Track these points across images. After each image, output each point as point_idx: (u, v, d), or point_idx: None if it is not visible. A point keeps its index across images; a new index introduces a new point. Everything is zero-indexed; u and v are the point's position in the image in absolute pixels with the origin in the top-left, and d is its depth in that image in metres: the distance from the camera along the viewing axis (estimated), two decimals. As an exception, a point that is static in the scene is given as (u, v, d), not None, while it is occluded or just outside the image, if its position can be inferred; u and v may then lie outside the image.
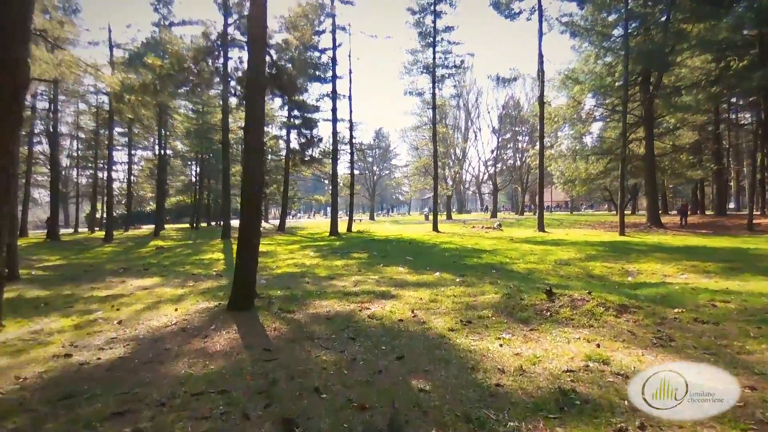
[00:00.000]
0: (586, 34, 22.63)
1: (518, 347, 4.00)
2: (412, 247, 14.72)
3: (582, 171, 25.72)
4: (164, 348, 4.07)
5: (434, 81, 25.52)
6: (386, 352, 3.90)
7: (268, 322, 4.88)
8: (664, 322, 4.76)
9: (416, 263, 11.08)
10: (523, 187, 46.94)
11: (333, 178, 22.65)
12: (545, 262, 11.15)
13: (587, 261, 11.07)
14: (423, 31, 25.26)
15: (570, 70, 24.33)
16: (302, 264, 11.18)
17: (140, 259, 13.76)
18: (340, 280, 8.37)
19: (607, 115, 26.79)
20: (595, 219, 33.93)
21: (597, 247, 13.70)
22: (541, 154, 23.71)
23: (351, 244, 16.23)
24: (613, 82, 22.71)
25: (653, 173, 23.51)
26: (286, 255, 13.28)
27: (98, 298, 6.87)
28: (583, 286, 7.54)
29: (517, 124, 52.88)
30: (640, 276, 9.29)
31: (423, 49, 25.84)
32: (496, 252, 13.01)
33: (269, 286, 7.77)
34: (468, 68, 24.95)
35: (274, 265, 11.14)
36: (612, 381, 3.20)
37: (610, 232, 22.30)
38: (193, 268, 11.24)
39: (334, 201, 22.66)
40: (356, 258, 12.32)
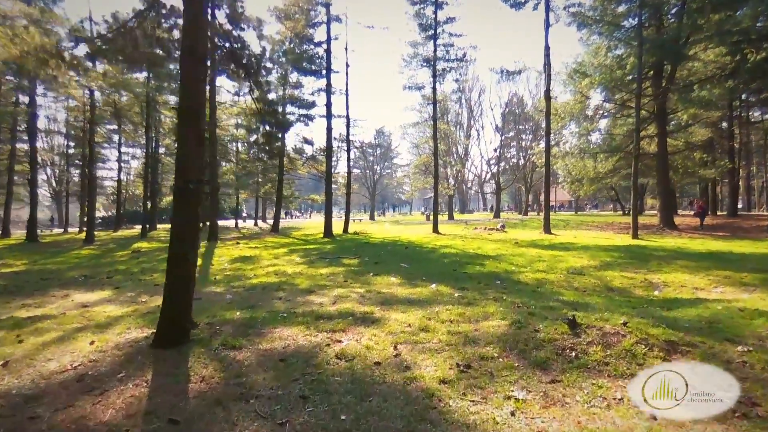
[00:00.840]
0: (596, 25, 21.31)
1: (537, 417, 2.78)
2: (408, 252, 13.50)
3: (590, 170, 24.42)
4: (30, 416, 2.86)
5: (435, 75, 24.26)
6: (346, 427, 2.69)
7: (198, 366, 3.67)
8: (730, 369, 3.53)
9: (411, 271, 9.86)
10: (527, 187, 45.63)
11: (327, 177, 21.45)
12: (556, 270, 9.92)
13: (603, 270, 9.82)
14: (423, 22, 24.00)
15: (578, 63, 23.05)
16: (283, 272, 9.97)
17: (110, 265, 12.59)
18: (319, 295, 7.17)
19: (616, 111, 25.45)
20: (602, 220, 32.61)
21: (611, 252, 12.45)
22: (547, 152, 22.44)
23: (343, 248, 15.02)
24: (624, 75, 21.41)
25: (666, 172, 22.20)
26: (268, 261, 12.08)
27: (15, 320, 5.67)
28: (605, 303, 6.32)
29: (520, 121, 51.60)
30: (668, 289, 8.04)
31: (424, 42, 24.61)
32: (501, 258, 11.78)
33: (232, 304, 6.57)
34: (470, 62, 23.70)
35: (251, 274, 9.94)
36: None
37: (621, 234, 21.02)
38: (161, 276, 10.04)
39: (328, 202, 21.46)
40: (345, 265, 11.11)
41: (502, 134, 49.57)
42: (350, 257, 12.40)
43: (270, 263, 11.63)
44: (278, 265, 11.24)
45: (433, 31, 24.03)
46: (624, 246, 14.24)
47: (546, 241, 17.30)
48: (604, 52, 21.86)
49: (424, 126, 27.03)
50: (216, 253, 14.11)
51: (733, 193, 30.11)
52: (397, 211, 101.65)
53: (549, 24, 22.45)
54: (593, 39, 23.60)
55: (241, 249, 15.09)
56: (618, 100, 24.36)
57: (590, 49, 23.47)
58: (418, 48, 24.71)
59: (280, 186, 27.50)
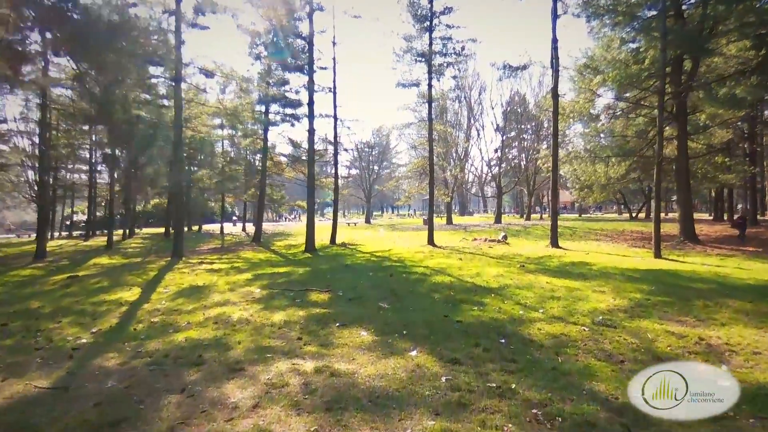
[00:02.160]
0: (609, 15, 19.06)
1: None
2: (395, 281, 11.28)
3: (601, 175, 22.23)
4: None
5: (431, 71, 22.04)
6: None
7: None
8: None
9: (390, 318, 7.67)
10: (529, 190, 43.38)
11: (309, 183, 19.24)
12: (575, 315, 7.73)
13: (637, 318, 7.60)
14: (417, 13, 21.77)
15: (588, 58, 20.80)
16: (226, 319, 7.78)
17: (23, 299, 10.34)
18: (245, 379, 4.98)
19: (629, 111, 23.20)
20: (610, 227, 30.39)
21: (638, 283, 10.23)
22: (554, 156, 20.24)
23: (317, 273, 12.80)
24: (641, 70, 19.17)
25: (687, 178, 19.97)
26: (219, 296, 9.88)
27: None
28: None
29: (522, 121, 49.35)
30: (738, 359, 5.81)
31: (418, 34, 22.34)
32: (505, 292, 9.57)
33: (93, 411, 4.37)
34: (470, 56, 21.54)
35: (184, 322, 7.74)
36: None
37: (637, 248, 18.81)
38: (68, 324, 7.87)
39: (310, 211, 19.23)
40: (310, 304, 8.92)
41: (504, 134, 47.27)
42: (321, 290, 10.19)
43: (219, 300, 9.42)
44: (228, 304, 9.04)
45: (429, 23, 21.81)
46: (650, 271, 12.02)
47: (555, 260, 15.10)
48: (618, 45, 19.63)
49: (419, 127, 24.79)
50: (165, 280, 11.91)
51: (753, 200, 27.87)
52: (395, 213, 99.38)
53: (557, 14, 20.23)
54: (604, 31, 21.35)
55: (197, 274, 12.87)
56: (631, 98, 22.12)
57: (602, 42, 21.24)
58: (412, 41, 22.45)
59: (262, 191, 25.29)
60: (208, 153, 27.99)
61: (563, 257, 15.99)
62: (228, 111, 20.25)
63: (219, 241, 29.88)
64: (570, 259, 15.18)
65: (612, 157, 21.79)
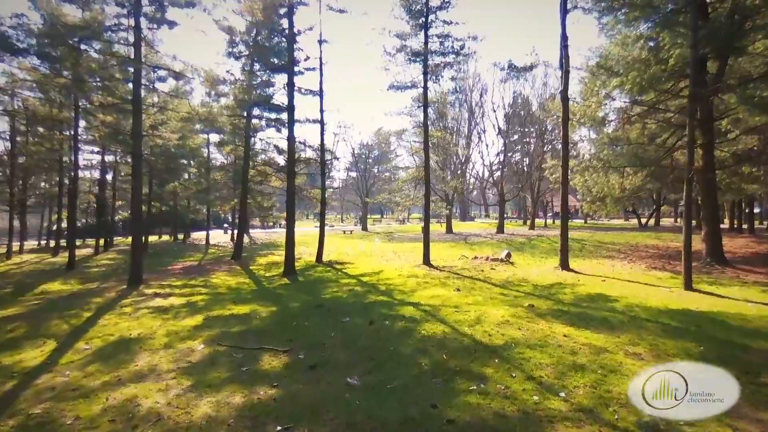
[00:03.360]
0: (626, 9, 16.92)
1: None
2: (374, 332, 9.12)
3: (615, 187, 20.05)
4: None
5: (426, 72, 19.94)
6: None
7: None
8: None
9: (357, 412, 5.54)
10: (533, 197, 41.16)
11: (288, 197, 17.12)
12: (612, 405, 5.60)
13: (698, 418, 5.44)
14: (412, 8, 19.68)
15: (602, 57, 18.65)
16: (128, 414, 5.65)
17: None
18: None
19: (645, 115, 21.02)
20: (622, 239, 28.23)
21: (681, 339, 8.08)
22: (564, 166, 18.12)
23: (284, 317, 10.67)
24: (663, 71, 17.02)
25: (713, 191, 17.80)
26: (146, 359, 7.72)
27: None
28: None
29: (525, 124, 47.24)
30: None
31: (413, 31, 20.25)
32: (512, 356, 7.41)
33: None
34: (470, 55, 19.51)
35: (70, 417, 5.60)
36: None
37: (658, 271, 16.63)
38: None
39: (289, 229, 17.07)
40: (259, 376, 6.80)
41: (506, 137, 45.12)
42: (278, 350, 8.06)
43: (142, 367, 7.29)
44: (149, 377, 6.89)
45: (424, 19, 19.73)
46: (687, 314, 9.87)
47: (568, 290, 12.97)
48: (635, 42, 17.49)
49: (416, 133, 22.69)
50: (95, 329, 9.76)
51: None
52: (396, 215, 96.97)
53: (567, 8, 18.14)
54: (619, 28, 19.19)
55: (139, 317, 10.71)
56: (650, 100, 19.94)
57: (617, 40, 19.09)
58: (406, 39, 20.34)
59: (243, 202, 23.15)
60: (177, 163, 25.93)
61: (577, 286, 13.87)
62: (201, 116, 18.20)
63: (200, 255, 27.81)
64: (586, 290, 13.06)
65: (628, 167, 19.62)
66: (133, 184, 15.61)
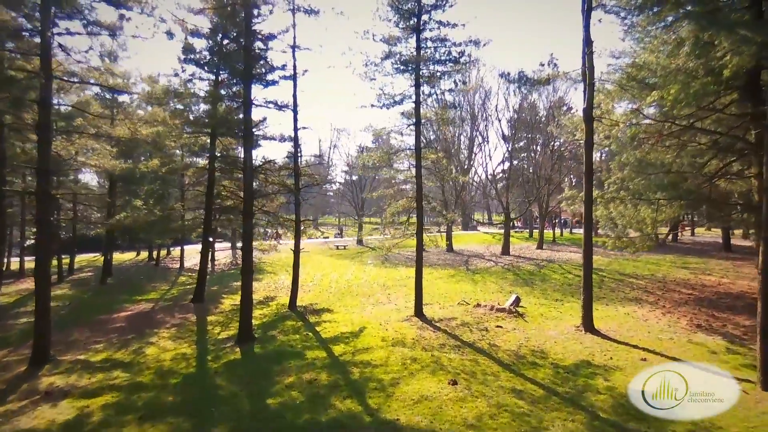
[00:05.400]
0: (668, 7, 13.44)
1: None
2: None
3: (647, 221, 16.60)
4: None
5: (418, 83, 16.55)
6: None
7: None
8: None
9: None
10: (541, 212, 37.65)
11: (244, 235, 13.77)
12: None
13: None
14: (401, 6, 16.27)
15: (634, 66, 15.14)
16: None
17: None
18: None
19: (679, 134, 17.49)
20: (645, 269, 24.76)
21: None
22: (588, 198, 14.79)
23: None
24: (714, 83, 13.56)
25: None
26: None
27: None
28: None
29: (532, 130, 43.75)
30: None
31: (403, 36, 16.85)
32: None
33: None
34: (472, 62, 16.01)
35: None
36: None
37: (706, 335, 13.15)
38: None
39: (245, 282, 13.66)
40: None
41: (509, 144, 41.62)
42: None
43: None
44: None
45: (417, 20, 16.34)
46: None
47: (602, 387, 9.61)
48: (681, 47, 14.01)
49: (401, 157, 19.32)
50: None
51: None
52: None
53: (591, 6, 14.72)
54: (652, 30, 15.70)
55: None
56: (686, 119, 16.42)
57: (651, 44, 15.60)
58: (395, 45, 16.92)
59: (207, 228, 19.74)
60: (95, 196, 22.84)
61: (611, 371, 10.58)
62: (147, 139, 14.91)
63: (165, 288, 24.49)
64: (624, 381, 9.76)
65: (661, 199, 16.15)
66: (38, 229, 12.26)
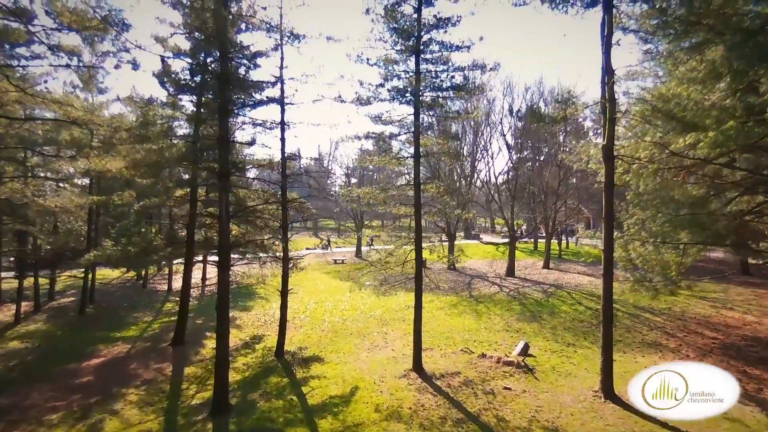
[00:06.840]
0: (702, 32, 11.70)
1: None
2: None
3: (672, 264, 14.93)
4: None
5: (417, 113, 14.87)
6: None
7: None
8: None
9: None
10: (548, 230, 35.93)
11: (220, 295, 12.12)
12: None
13: None
14: (399, 26, 14.59)
15: (659, 98, 13.37)
16: None
17: None
18: None
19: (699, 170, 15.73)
20: (663, 304, 22.82)
21: None
22: (608, 247, 13.09)
23: None
24: (758, 124, 11.84)
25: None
26: None
27: None
28: None
29: (539, 141, 41.99)
30: None
31: (402, 57, 15.19)
32: None
33: None
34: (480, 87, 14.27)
35: None
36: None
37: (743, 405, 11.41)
38: None
39: (221, 345, 12.02)
40: None
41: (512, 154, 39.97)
42: None
43: None
44: None
45: (416, 41, 14.65)
46: None
47: None
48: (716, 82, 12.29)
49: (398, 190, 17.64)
50: None
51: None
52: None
53: (611, 30, 12.97)
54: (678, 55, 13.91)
55: None
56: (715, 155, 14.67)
57: (679, 72, 13.87)
58: (392, 68, 15.23)
59: (190, 240, 17.96)
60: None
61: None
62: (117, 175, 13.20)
63: (147, 320, 22.85)
64: None
65: (690, 243, 14.45)
66: None
